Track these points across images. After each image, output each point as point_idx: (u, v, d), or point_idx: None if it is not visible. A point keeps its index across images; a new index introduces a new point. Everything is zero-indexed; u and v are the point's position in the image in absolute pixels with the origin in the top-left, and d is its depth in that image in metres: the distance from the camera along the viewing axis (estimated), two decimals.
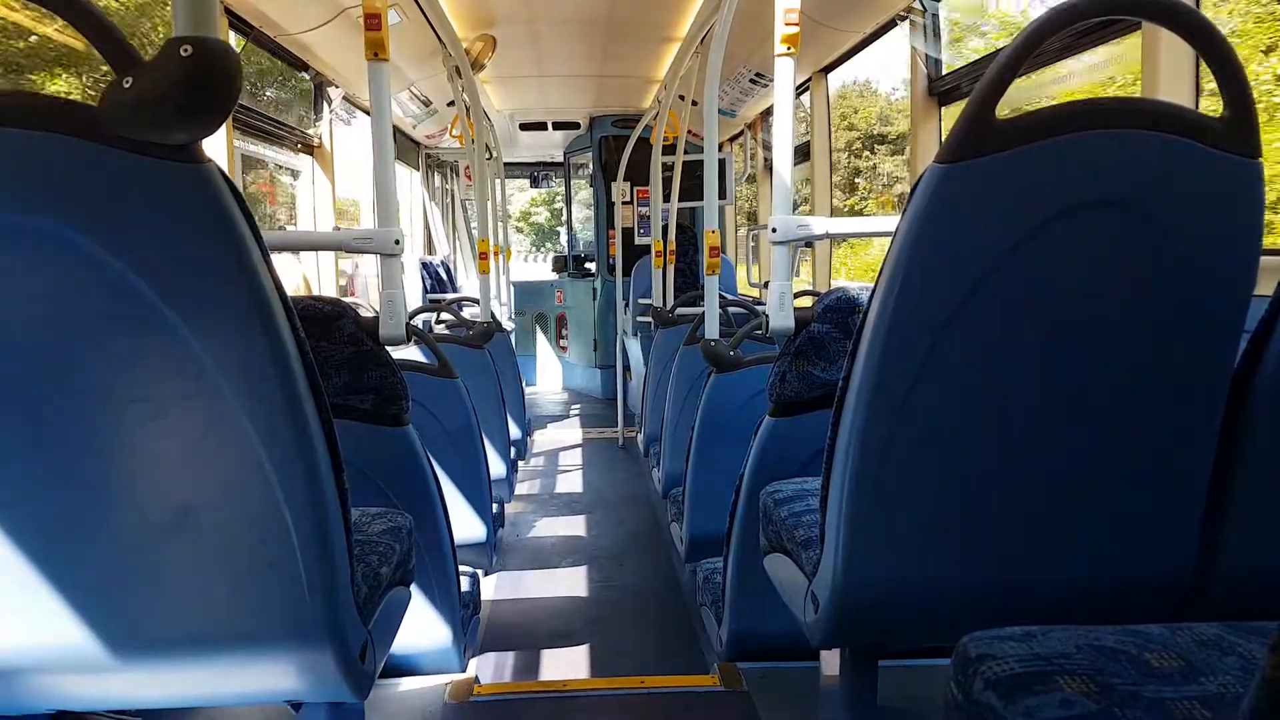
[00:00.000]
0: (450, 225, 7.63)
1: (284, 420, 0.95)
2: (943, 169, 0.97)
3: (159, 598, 1.00)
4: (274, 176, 5.47)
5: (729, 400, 2.34)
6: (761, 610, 1.84)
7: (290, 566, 0.99)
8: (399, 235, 1.65)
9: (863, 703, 1.37)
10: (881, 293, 1.03)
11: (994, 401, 1.06)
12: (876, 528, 1.12)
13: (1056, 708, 0.74)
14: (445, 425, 2.35)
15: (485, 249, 3.20)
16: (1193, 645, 0.83)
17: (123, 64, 0.82)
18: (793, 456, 1.76)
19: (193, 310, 0.89)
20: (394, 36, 3.74)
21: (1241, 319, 1.03)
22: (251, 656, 1.05)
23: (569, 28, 4.26)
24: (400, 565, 1.37)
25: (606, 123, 6.37)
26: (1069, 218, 0.98)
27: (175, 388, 0.92)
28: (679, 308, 3.85)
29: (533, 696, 1.93)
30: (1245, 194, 0.99)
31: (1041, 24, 0.95)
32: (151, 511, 0.96)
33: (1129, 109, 0.97)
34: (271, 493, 0.97)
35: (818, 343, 1.71)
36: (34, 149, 0.83)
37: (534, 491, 4.17)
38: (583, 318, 6.98)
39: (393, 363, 1.75)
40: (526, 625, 2.57)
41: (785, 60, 1.72)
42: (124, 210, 0.86)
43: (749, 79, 4.64)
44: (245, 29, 3.10)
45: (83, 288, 0.87)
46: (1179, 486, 1.10)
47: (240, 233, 0.88)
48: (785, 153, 1.78)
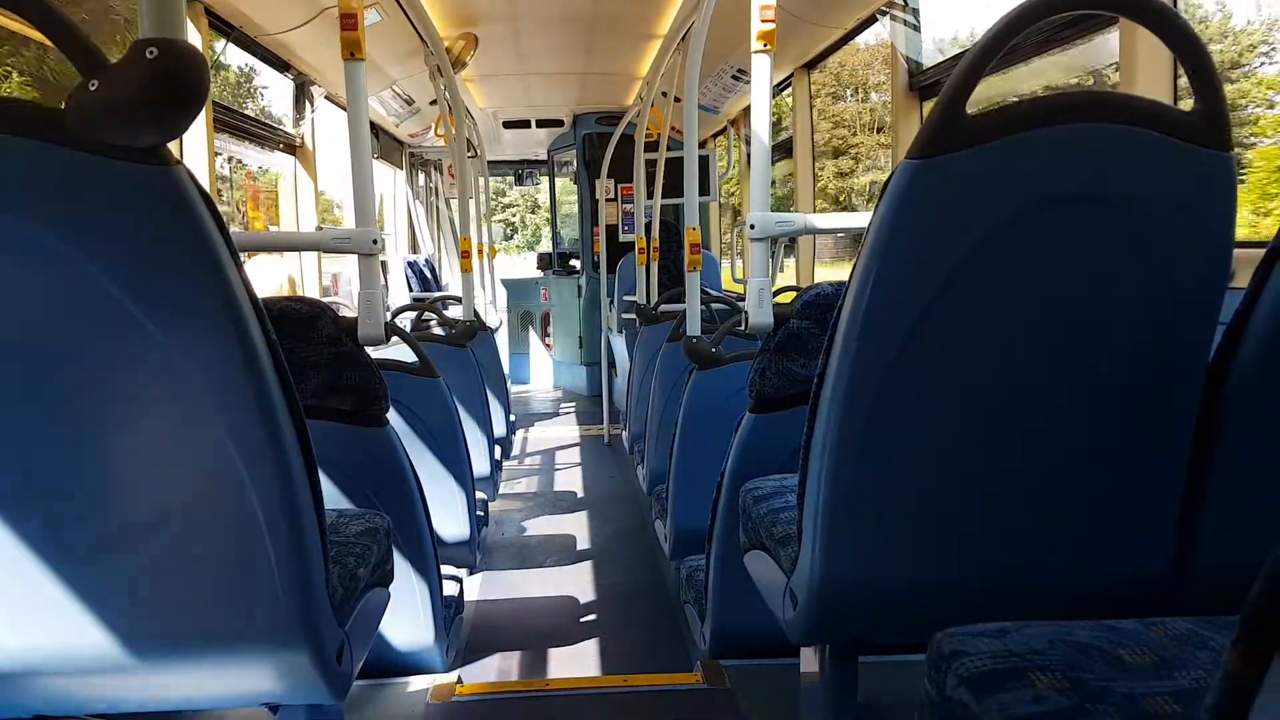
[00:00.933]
0: (435, 224, 7.60)
1: (255, 422, 0.94)
2: (915, 164, 0.97)
3: (133, 601, 0.99)
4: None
5: (711, 397, 2.34)
6: (744, 607, 1.84)
7: (264, 568, 0.99)
8: (377, 235, 1.65)
9: (843, 699, 1.37)
10: (855, 288, 1.03)
11: (968, 397, 1.06)
12: (853, 524, 1.12)
13: (1029, 703, 0.74)
14: (427, 424, 2.34)
15: (468, 247, 3.18)
16: (1166, 640, 0.83)
17: (88, 66, 0.81)
18: (773, 453, 1.76)
19: (162, 312, 0.89)
20: (375, 35, 3.72)
21: (1215, 312, 1.04)
22: (227, 659, 1.05)
23: (551, 25, 4.25)
24: (378, 566, 1.36)
25: (590, 120, 6.35)
26: (1041, 212, 0.98)
27: (146, 390, 0.91)
28: (662, 305, 3.84)
29: (516, 696, 1.92)
30: (1218, 187, 0.99)
31: (1011, 19, 0.95)
32: (123, 514, 0.95)
33: (1100, 103, 0.97)
34: (244, 494, 0.96)
35: (797, 339, 1.72)
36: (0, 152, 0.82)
37: (519, 490, 4.16)
38: (568, 315, 6.96)
39: (372, 363, 1.74)
40: (510, 624, 2.56)
41: (762, 57, 1.72)
42: (92, 213, 0.85)
43: (730, 75, 4.64)
44: (226, 29, 3.07)
45: (51, 291, 0.86)
46: (1155, 481, 1.10)
47: (210, 235, 0.88)
48: (763, 149, 1.78)
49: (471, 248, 3.20)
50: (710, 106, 5.23)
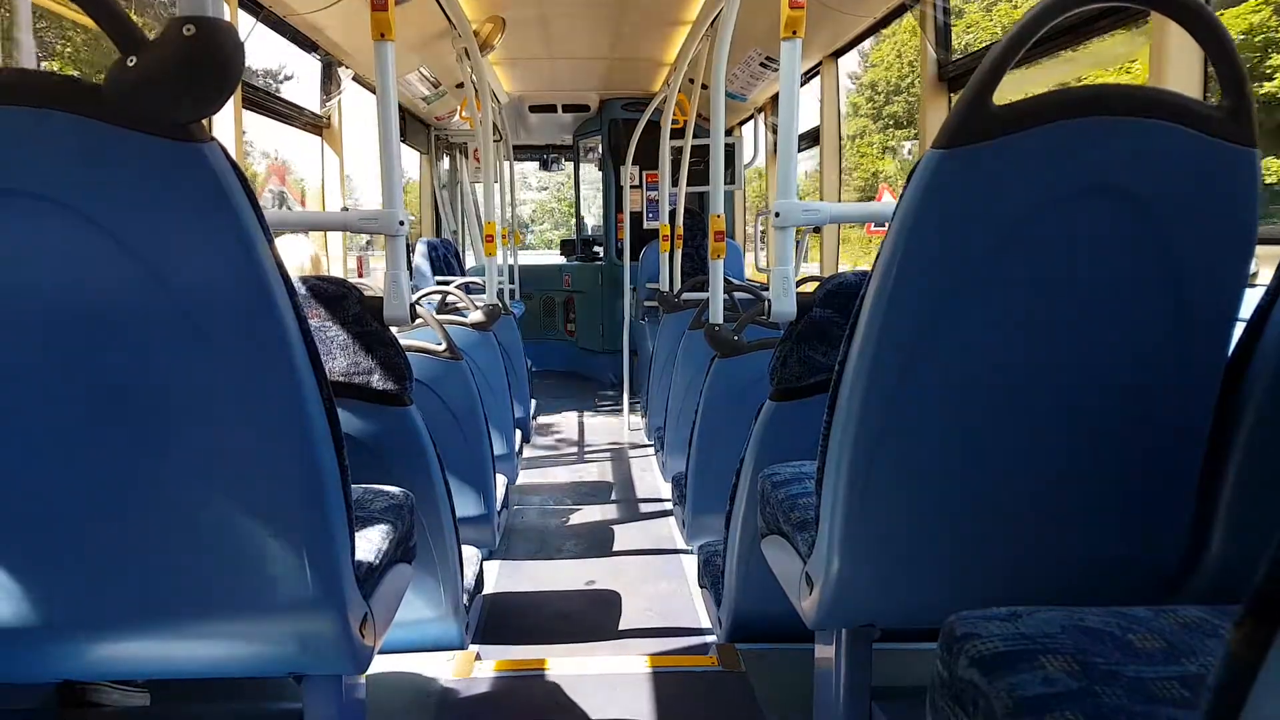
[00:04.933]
0: (459, 208, 7.64)
1: (284, 397, 0.96)
2: (939, 154, 0.97)
3: (162, 570, 1.02)
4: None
5: (732, 384, 2.35)
6: (760, 592, 1.86)
7: (290, 541, 1.02)
8: (404, 216, 1.66)
9: (857, 685, 1.39)
10: (878, 277, 1.04)
11: (987, 386, 1.06)
12: (870, 510, 1.13)
13: (1038, 685, 0.75)
14: (450, 406, 2.37)
15: (491, 231, 3.20)
16: (1175, 627, 0.84)
17: (127, 44, 0.84)
18: (793, 440, 1.77)
19: (193, 286, 0.91)
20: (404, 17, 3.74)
21: (1236, 306, 1.03)
22: (253, 629, 1.08)
23: (579, 9, 4.24)
24: (401, 542, 1.39)
25: (616, 106, 6.34)
26: (1064, 204, 0.98)
27: (176, 364, 0.93)
28: (685, 292, 3.85)
29: (533, 675, 1.95)
30: (1241, 183, 0.98)
31: (1038, 13, 0.95)
32: (154, 485, 0.98)
33: (1125, 96, 0.96)
34: (272, 468, 0.99)
35: (819, 327, 1.72)
36: (39, 126, 0.84)
37: (539, 473, 4.20)
38: (590, 302, 6.98)
39: (397, 343, 1.77)
40: (529, 604, 2.60)
41: (790, 44, 1.72)
42: (127, 188, 0.87)
43: (759, 63, 4.61)
44: (255, 9, 3.10)
45: (86, 263, 0.89)
46: (1171, 473, 1.10)
47: (241, 211, 0.90)
48: (790, 137, 1.78)
49: (496, 232, 3.21)
50: (738, 94, 5.20)
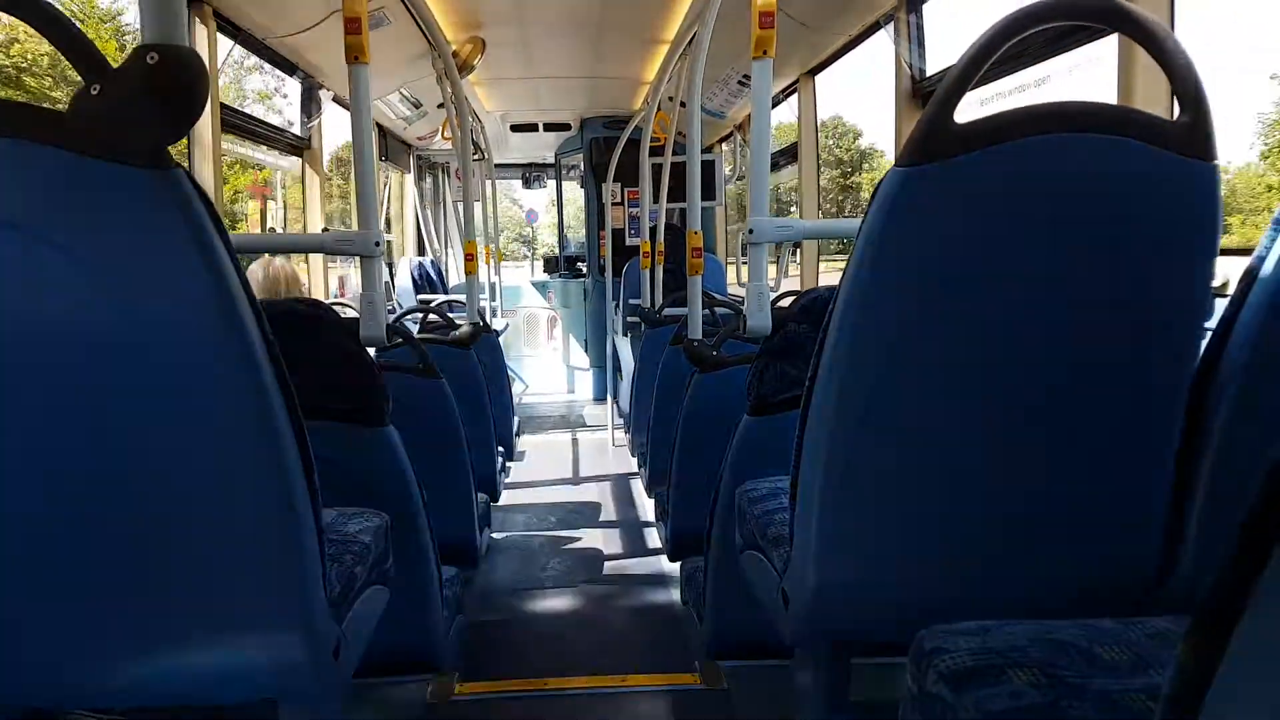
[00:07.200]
0: (442, 227, 7.64)
1: (252, 420, 0.96)
2: (902, 172, 0.98)
3: (127, 596, 1.01)
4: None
5: (712, 400, 2.35)
6: (741, 609, 1.85)
7: (259, 565, 1.01)
8: (379, 237, 1.67)
9: (835, 699, 1.38)
10: (844, 295, 1.05)
11: (956, 401, 1.07)
12: (843, 525, 1.14)
13: (1005, 699, 0.76)
14: (429, 426, 2.36)
15: (472, 250, 3.20)
16: (1143, 639, 0.84)
17: (90, 71, 0.84)
18: (770, 455, 1.77)
19: (160, 312, 0.90)
20: (383, 38, 3.74)
21: (1201, 320, 1.04)
22: (223, 655, 1.06)
23: (558, 30, 4.27)
24: (376, 565, 1.38)
25: (597, 124, 6.38)
26: (1028, 220, 0.99)
27: (143, 389, 0.93)
28: (667, 308, 3.86)
29: (515, 696, 1.94)
30: (1202, 196, 1.00)
31: (996, 32, 0.96)
32: (120, 510, 0.97)
33: (1086, 112, 0.98)
34: (240, 492, 0.98)
35: (794, 342, 1.73)
36: (1, 155, 0.84)
37: (522, 491, 4.18)
38: (574, 318, 6.99)
39: (373, 363, 1.76)
40: (511, 625, 2.58)
41: (760, 63, 1.74)
42: (92, 215, 0.87)
43: (737, 80, 4.65)
44: (233, 31, 3.10)
45: (50, 289, 0.88)
46: (1142, 486, 1.11)
47: (208, 237, 0.89)
48: (764, 155, 1.80)
49: (476, 251, 3.22)
50: (717, 111, 5.25)
